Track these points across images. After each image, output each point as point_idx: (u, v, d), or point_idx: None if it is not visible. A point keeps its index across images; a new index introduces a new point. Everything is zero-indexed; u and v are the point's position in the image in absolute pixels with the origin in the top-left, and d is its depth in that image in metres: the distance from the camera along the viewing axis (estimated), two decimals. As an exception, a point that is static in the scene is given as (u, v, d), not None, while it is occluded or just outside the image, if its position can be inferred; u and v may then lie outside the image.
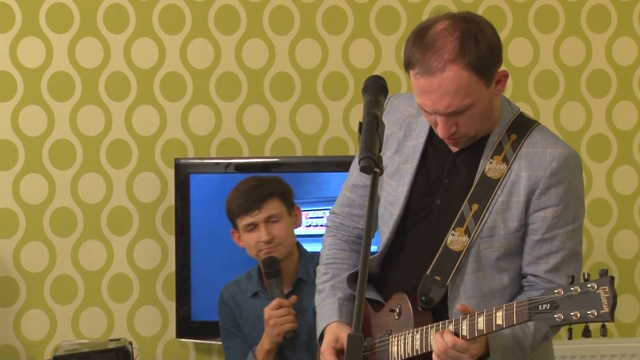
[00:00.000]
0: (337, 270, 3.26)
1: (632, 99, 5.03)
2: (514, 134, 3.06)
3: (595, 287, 2.64)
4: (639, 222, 5.08)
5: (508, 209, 3.00)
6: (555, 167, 2.99)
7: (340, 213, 3.32)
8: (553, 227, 3.01)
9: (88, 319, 4.77)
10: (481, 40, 2.91)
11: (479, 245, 3.02)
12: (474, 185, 3.04)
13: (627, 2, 5.02)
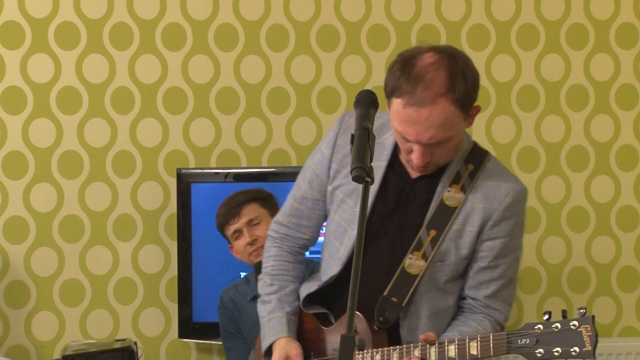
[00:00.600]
0: (283, 282, 3.25)
1: (609, 112, 5.03)
2: (470, 164, 3.09)
3: (577, 325, 2.65)
4: (615, 229, 5.07)
5: (461, 237, 3.02)
6: (509, 202, 3.02)
7: (286, 223, 3.28)
8: (498, 257, 3.05)
9: (95, 320, 4.78)
10: (468, 76, 2.94)
11: (432, 269, 3.02)
12: (433, 211, 3.04)
13: (604, 20, 5.02)
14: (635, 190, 5.06)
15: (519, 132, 5.00)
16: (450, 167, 3.07)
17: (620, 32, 5.04)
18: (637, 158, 5.07)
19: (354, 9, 4.90)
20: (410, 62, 2.91)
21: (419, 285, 3.03)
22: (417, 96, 2.85)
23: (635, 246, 5.09)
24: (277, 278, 3.25)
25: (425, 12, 4.92)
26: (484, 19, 4.95)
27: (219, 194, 4.56)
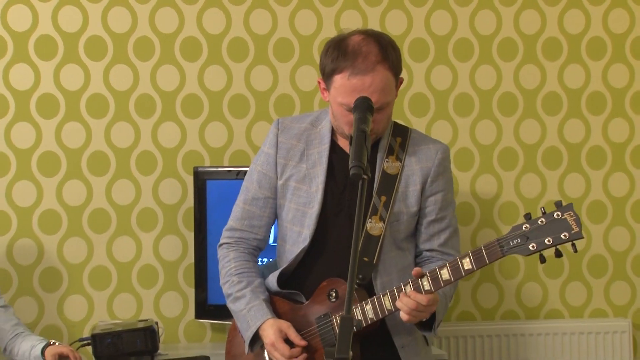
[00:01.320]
0: (250, 278, 3.23)
1: (580, 117, 5.04)
2: (398, 137, 3.17)
3: (560, 214, 2.75)
4: (586, 221, 5.05)
5: (407, 197, 3.11)
6: (441, 158, 3.15)
7: (239, 227, 3.29)
8: (442, 209, 3.15)
9: (120, 302, 4.80)
10: (395, 48, 3.06)
11: (390, 229, 3.09)
12: (378, 181, 3.11)
13: (576, 34, 5.04)
14: (604, 186, 5.07)
15: (500, 134, 5.02)
16: (382, 142, 3.14)
17: (590, 45, 5.05)
18: (605, 158, 5.06)
19: (351, 24, 4.74)
20: (343, 43, 3.02)
21: (383, 244, 3.08)
22: (358, 67, 2.94)
23: (603, 237, 5.08)
24: (244, 275, 3.23)
25: (416, 27, 4.95)
26: (469, 34, 4.97)
27: (231, 190, 4.46)
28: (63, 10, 4.73)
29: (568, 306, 5.08)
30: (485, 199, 5.04)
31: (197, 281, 4.69)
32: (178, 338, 4.84)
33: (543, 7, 5.03)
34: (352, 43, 3.00)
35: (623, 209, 5.09)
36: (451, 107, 4.98)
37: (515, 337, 4.97)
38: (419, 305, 2.90)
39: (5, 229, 4.72)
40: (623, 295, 5.10)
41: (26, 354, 4.05)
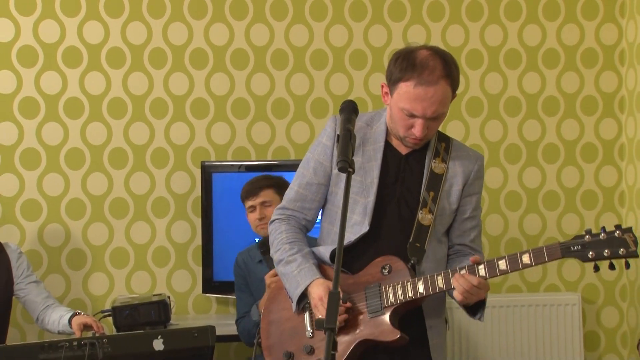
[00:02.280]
0: (301, 245, 3.08)
1: (537, 118, 5.06)
2: (442, 143, 3.10)
3: (621, 233, 2.73)
4: (542, 208, 5.09)
5: (450, 195, 3.05)
6: (479, 165, 3.10)
7: (292, 207, 3.13)
8: (475, 209, 3.10)
9: (137, 279, 4.82)
10: (456, 66, 2.98)
11: (435, 221, 3.03)
12: (427, 178, 3.04)
13: (534, 46, 5.05)
14: (557, 178, 5.09)
15: (468, 134, 5.03)
16: (430, 146, 3.07)
17: (545, 56, 5.06)
18: (558, 154, 5.08)
19: (339, 37, 4.91)
20: (411, 55, 2.93)
21: (430, 235, 3.02)
22: (424, 78, 2.87)
23: (557, 222, 5.09)
24: (295, 243, 3.08)
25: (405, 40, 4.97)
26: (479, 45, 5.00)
27: (234, 181, 4.59)
28: (87, 25, 4.75)
29: (526, 282, 5.10)
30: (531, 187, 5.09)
31: (204, 261, 4.70)
32: (187, 310, 4.85)
33: (505, 22, 5.04)
34: (420, 56, 2.93)
35: (574, 198, 5.11)
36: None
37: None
38: (472, 287, 2.86)
39: (37, 216, 4.72)
40: (574, 272, 5.12)
41: (55, 322, 4.08)
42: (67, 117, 4.76)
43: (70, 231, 4.77)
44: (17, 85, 4.71)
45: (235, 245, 4.59)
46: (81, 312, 4.14)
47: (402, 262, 2.97)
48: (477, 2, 5.03)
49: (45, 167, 4.74)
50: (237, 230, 4.64)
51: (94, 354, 3.64)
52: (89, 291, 4.79)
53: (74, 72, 4.76)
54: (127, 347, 3.74)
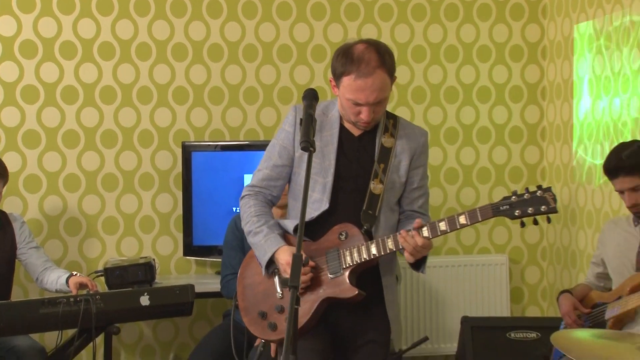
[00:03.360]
0: (267, 218, 3.05)
1: (472, 105, 5.10)
2: (390, 120, 3.08)
3: (542, 192, 2.73)
4: (475, 182, 5.13)
5: (399, 169, 3.03)
6: (424, 141, 3.08)
7: (259, 185, 3.10)
8: (422, 179, 3.07)
9: (126, 244, 4.80)
10: (390, 54, 2.95)
11: (386, 192, 3.02)
12: (378, 152, 3.03)
13: (470, 42, 5.08)
14: (489, 157, 5.13)
15: (478, 117, 5.04)
16: (380, 124, 3.05)
17: (479, 52, 5.10)
18: (490, 136, 5.12)
19: (302, 33, 4.91)
20: (349, 51, 2.92)
21: (382, 202, 3.01)
22: (362, 71, 2.86)
23: (488, 195, 5.13)
24: (262, 216, 3.06)
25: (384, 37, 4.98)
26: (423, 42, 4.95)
27: (211, 159, 4.66)
28: (81, 22, 4.72)
29: (462, 245, 5.15)
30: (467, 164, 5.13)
31: (184, 228, 4.70)
32: (170, 271, 4.84)
33: (445, 21, 5.08)
34: (357, 51, 2.91)
35: (503, 174, 5.15)
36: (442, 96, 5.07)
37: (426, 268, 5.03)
38: (417, 246, 2.87)
39: (37, 189, 4.70)
40: (502, 236, 5.17)
41: (54, 282, 4.09)
42: (64, 103, 4.73)
43: (67, 202, 4.75)
44: (19, 74, 4.68)
45: (212, 214, 4.64)
46: (77, 273, 4.17)
47: (356, 228, 2.96)
48: (421, 4, 5.05)
49: (44, 147, 4.72)
50: (214, 201, 4.67)
51: (88, 309, 3.67)
52: (84, 254, 4.77)
53: (69, 63, 4.72)
54: (117, 302, 3.79)
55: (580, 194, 4.83)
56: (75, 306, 3.69)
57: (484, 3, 5.10)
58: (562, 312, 3.69)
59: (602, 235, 3.77)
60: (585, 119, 4.78)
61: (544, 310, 5.12)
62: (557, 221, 5.05)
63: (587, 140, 4.76)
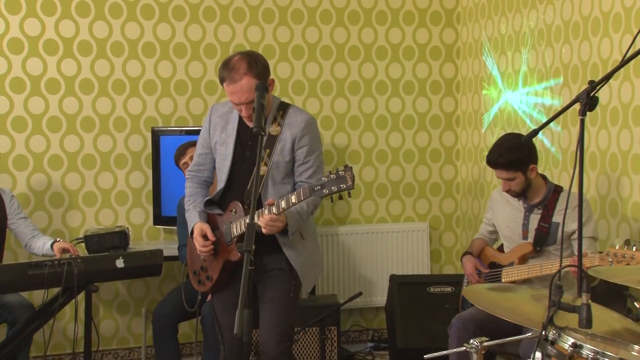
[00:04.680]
0: (195, 198, 3.23)
1: (399, 96, 5.12)
2: (280, 111, 3.14)
3: (343, 172, 2.76)
4: (402, 162, 5.15)
5: (283, 151, 3.10)
6: (303, 125, 3.11)
7: (194, 170, 3.29)
8: (307, 156, 3.11)
9: (103, 215, 4.77)
10: (258, 63, 3.01)
11: (272, 171, 3.09)
12: (265, 140, 3.06)
13: (396, 43, 5.09)
14: (413, 141, 5.15)
15: (349, 107, 5.05)
16: (270, 116, 3.11)
17: (405, 51, 5.12)
18: (414, 122, 5.14)
19: (255, 35, 4.89)
20: (227, 62, 3.03)
21: (267, 180, 3.07)
22: (232, 77, 2.97)
23: (412, 172, 5.16)
24: (191, 197, 3.25)
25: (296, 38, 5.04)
26: (330, 42, 5.04)
27: (176, 142, 4.54)
28: (62, 22, 4.65)
29: (390, 215, 5.19)
30: (340, 148, 5.13)
31: (154, 201, 4.71)
32: (142, 238, 4.83)
33: (348, 25, 5.12)
34: (231, 62, 3.02)
35: (425, 155, 5.18)
36: (319, 89, 5.05)
37: (359, 235, 5.02)
38: (267, 222, 2.92)
39: (25, 167, 4.65)
40: (424, 208, 5.22)
41: (40, 247, 4.07)
42: (48, 93, 4.68)
43: (51, 179, 4.71)
44: (7, 68, 4.61)
45: (178, 189, 4.53)
46: (60, 239, 4.15)
47: (240, 206, 3.08)
48: (355, 10, 5.06)
49: (31, 131, 4.66)
50: (179, 178, 4.52)
51: (71, 270, 3.65)
52: (67, 224, 4.74)
53: (52, 59, 4.67)
54: (96, 265, 3.77)
55: (487, 172, 4.92)
56: (59, 268, 3.67)
57: (408, 10, 5.14)
58: (467, 273, 3.77)
59: (491, 202, 3.82)
60: (491, 108, 4.88)
61: (458, 268, 5.19)
62: (469, 194, 5.14)
63: (494, 127, 4.85)
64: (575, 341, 2.05)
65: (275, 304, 3.11)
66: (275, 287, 3.12)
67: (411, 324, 4.39)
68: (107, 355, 4.80)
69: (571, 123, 4.15)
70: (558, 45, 4.22)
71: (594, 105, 2.14)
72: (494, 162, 3.50)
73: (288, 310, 3.12)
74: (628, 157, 3.72)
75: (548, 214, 3.51)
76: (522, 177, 3.48)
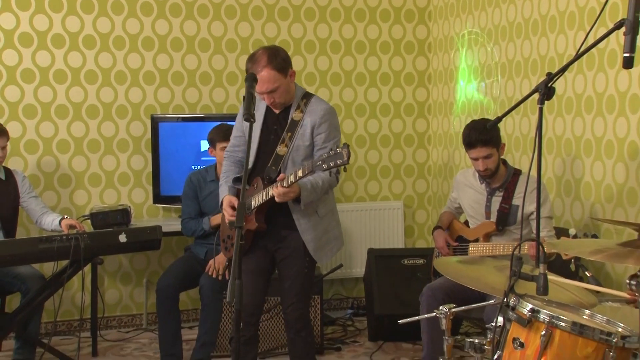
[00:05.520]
0: (228, 174, 3.24)
1: (376, 87, 5.10)
2: (304, 100, 3.13)
3: (340, 149, 2.75)
4: (379, 146, 5.11)
5: (304, 135, 3.09)
6: (322, 114, 3.09)
7: (230, 150, 3.31)
8: (323, 142, 3.09)
9: (108, 194, 4.75)
10: (278, 56, 3.02)
11: (292, 153, 3.09)
12: (288, 124, 3.10)
13: (374, 39, 5.08)
14: (389, 127, 5.14)
15: (330, 97, 5.02)
16: (294, 103, 3.11)
17: (382, 46, 5.09)
18: (389, 110, 5.13)
19: (245, 30, 4.87)
20: (251, 55, 3.05)
21: (287, 161, 3.08)
22: (255, 69, 2.98)
23: (389, 156, 5.16)
24: (225, 174, 3.26)
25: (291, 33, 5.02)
26: (313, 37, 5.03)
27: (173, 128, 4.62)
28: (69, 18, 4.61)
29: (369, 194, 5.19)
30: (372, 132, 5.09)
31: (153, 182, 4.68)
32: (142, 215, 4.81)
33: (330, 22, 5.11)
34: (255, 55, 3.04)
35: (399, 140, 5.18)
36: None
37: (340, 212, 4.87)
38: (280, 194, 2.95)
39: (35, 151, 4.62)
40: (399, 188, 5.23)
41: (49, 224, 4.06)
42: (55, 83, 4.65)
43: (60, 162, 4.69)
44: (18, 60, 4.57)
45: (175, 171, 4.62)
46: (68, 216, 4.14)
47: (261, 181, 3.09)
48: (336, 8, 5.03)
49: (40, 117, 4.63)
50: (176, 161, 4.64)
51: (78, 245, 3.65)
52: (74, 202, 4.72)
53: (59, 52, 4.63)
54: (100, 240, 3.77)
55: (456, 155, 4.95)
56: (68, 242, 3.67)
57: (384, 8, 5.13)
58: (437, 246, 3.79)
59: (456, 182, 3.82)
60: (460, 98, 4.89)
61: (429, 243, 5.21)
62: (440, 175, 5.16)
63: (462, 114, 4.87)
64: (533, 307, 2.07)
65: (291, 279, 3.14)
66: (290, 266, 3.14)
67: (387, 292, 4.40)
68: (112, 321, 4.81)
69: (530, 111, 4.18)
70: (519, 40, 4.23)
71: (551, 95, 2.16)
72: (475, 140, 3.47)
73: (302, 284, 3.15)
74: (581, 142, 3.76)
75: (509, 196, 3.53)
76: (496, 154, 3.50)
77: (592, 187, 3.70)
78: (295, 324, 3.16)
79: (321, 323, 4.21)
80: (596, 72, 3.63)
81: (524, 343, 2.05)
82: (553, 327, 2.02)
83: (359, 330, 4.64)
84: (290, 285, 3.14)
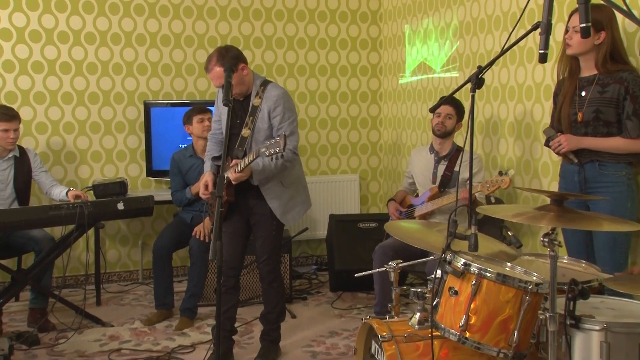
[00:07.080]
0: (211, 152, 3.17)
1: (336, 77, 5.05)
2: (262, 87, 3.03)
3: (279, 139, 2.68)
4: (339, 128, 5.10)
5: (263, 119, 3.01)
6: (276, 99, 2.99)
7: (213, 132, 3.24)
8: (280, 123, 3.00)
9: (108, 169, 4.69)
10: (226, 55, 2.91)
11: (255, 134, 3.01)
12: (250, 109, 3.01)
13: (334, 37, 5.04)
14: (347, 112, 5.10)
15: (296, 87, 5.02)
16: (253, 91, 3.02)
17: (341, 43, 5.07)
18: (348, 97, 5.09)
19: (223, 28, 4.81)
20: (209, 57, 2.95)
21: (251, 141, 3.01)
22: (206, 67, 2.91)
23: (347, 137, 5.14)
24: (209, 153, 3.20)
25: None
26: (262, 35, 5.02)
27: (163, 113, 4.54)
28: (72, 18, 4.51)
29: (330, 168, 5.18)
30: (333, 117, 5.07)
31: (146, 158, 4.63)
32: (137, 187, 4.76)
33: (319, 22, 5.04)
34: (210, 55, 2.95)
35: (356, 123, 5.16)
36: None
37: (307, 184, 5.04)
38: (235, 177, 2.92)
39: (45, 131, 4.53)
40: (355, 163, 5.21)
41: (58, 195, 3.99)
42: (61, 73, 4.56)
43: (66, 141, 4.61)
44: (29, 53, 4.46)
45: (164, 149, 4.56)
46: (73, 188, 4.07)
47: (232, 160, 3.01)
48: (281, 9, 4.97)
49: (49, 103, 4.55)
50: (165, 140, 4.58)
51: (82, 212, 3.61)
52: (78, 176, 4.66)
53: (64, 47, 4.54)
54: (102, 207, 3.74)
55: (403, 136, 4.96)
56: (74, 210, 3.63)
57: (343, 11, 5.08)
58: (390, 213, 3.84)
59: (411, 159, 3.88)
60: (407, 86, 4.90)
61: (381, 209, 5.26)
62: (390, 153, 5.17)
63: (408, 101, 4.89)
64: (465, 261, 2.10)
65: (262, 240, 3.12)
66: (261, 228, 3.11)
67: (345, 251, 4.41)
68: (112, 276, 4.77)
69: (465, 98, 4.21)
70: (455, 39, 4.24)
71: (481, 84, 2.17)
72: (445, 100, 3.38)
73: (272, 242, 3.12)
74: (505, 124, 3.81)
75: (451, 165, 3.61)
76: (455, 119, 3.59)
77: (513, 161, 3.76)
78: (267, 277, 3.15)
79: (290, 277, 4.22)
80: (517, 66, 3.67)
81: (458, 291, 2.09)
82: (481, 278, 2.06)
83: (322, 283, 4.66)
84: (262, 244, 3.13)
